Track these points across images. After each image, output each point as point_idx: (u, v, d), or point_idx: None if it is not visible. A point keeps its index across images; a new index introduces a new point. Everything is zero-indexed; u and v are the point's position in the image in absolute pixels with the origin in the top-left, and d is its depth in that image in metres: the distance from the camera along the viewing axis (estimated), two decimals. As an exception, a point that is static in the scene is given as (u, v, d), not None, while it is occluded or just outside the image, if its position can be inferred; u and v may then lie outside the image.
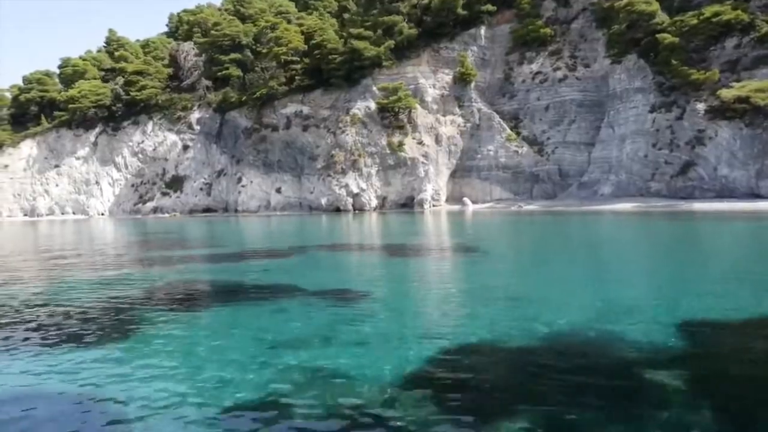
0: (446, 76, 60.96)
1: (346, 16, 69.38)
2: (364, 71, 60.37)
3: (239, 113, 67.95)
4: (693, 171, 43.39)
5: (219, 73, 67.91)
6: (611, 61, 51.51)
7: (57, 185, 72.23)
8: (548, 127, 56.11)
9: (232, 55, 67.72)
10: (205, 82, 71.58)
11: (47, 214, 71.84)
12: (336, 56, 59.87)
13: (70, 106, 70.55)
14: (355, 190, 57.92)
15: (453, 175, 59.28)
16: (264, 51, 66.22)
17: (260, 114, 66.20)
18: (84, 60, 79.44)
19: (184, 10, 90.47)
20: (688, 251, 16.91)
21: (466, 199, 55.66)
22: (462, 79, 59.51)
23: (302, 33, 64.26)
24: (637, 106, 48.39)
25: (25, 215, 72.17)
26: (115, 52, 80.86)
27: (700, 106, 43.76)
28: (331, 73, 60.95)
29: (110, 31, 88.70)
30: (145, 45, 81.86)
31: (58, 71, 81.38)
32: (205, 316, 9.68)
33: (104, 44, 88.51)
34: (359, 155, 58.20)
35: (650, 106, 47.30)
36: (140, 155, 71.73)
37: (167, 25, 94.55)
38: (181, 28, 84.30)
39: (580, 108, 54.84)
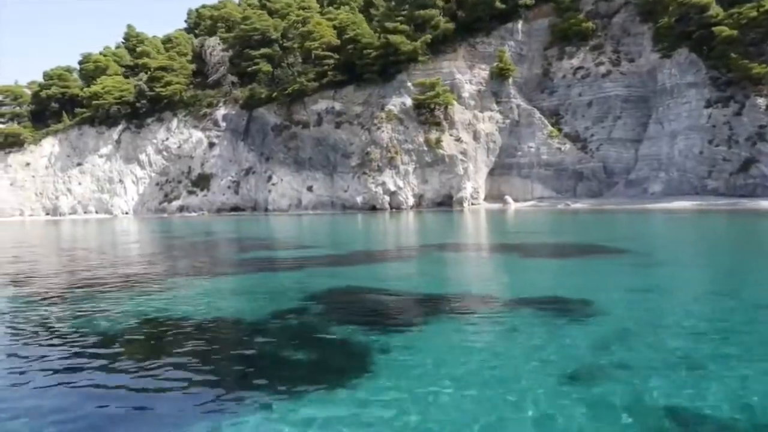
0: (483, 72, 59.45)
1: (373, 11, 67.94)
2: (400, 66, 58.82)
3: (267, 110, 66.39)
4: (754, 168, 41.88)
5: (249, 69, 66.31)
6: (661, 56, 49.99)
7: (80, 184, 70.66)
8: (591, 123, 54.62)
9: (263, 50, 66.12)
10: (231, 78, 70.03)
11: (70, 213, 70.27)
12: (371, 51, 58.27)
13: (94, 102, 68.94)
14: (392, 189, 56.43)
15: (491, 172, 57.79)
16: (295, 46, 64.67)
17: (290, 110, 64.64)
18: (105, 56, 77.80)
19: (204, 6, 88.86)
20: None
21: (507, 197, 54.17)
22: (500, 75, 57.97)
23: (334, 27, 62.66)
24: (690, 102, 46.91)
25: (47, 214, 70.60)
26: (136, 47, 79.17)
27: (761, 101, 42.34)
28: (365, 68, 59.34)
29: (129, 26, 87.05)
30: (167, 41, 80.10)
31: (77, 67, 79.69)
32: (423, 337, 7.98)
33: (123, 40, 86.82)
34: (396, 152, 56.71)
35: (705, 101, 45.82)
36: (165, 153, 70.18)
37: (186, 21, 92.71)
38: (202, 23, 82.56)
39: (626, 104, 53.36)
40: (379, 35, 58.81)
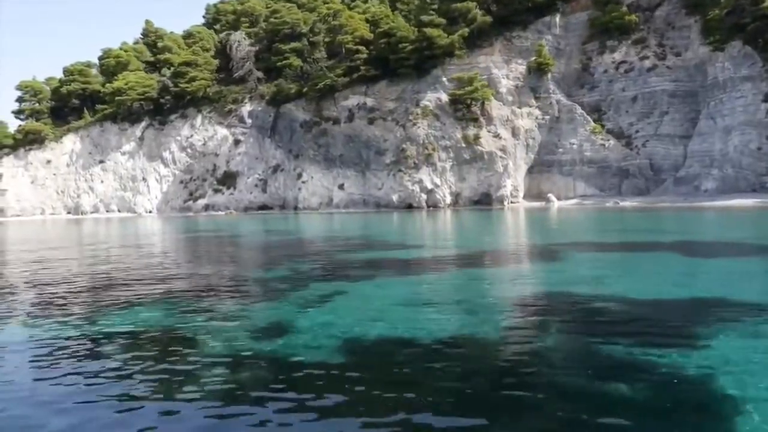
0: (520, 66, 57.88)
1: (399, 5, 66.40)
2: (435, 61, 57.22)
3: (295, 106, 64.76)
4: (820, 164, 40.33)
5: (278, 63, 64.61)
6: (713, 49, 48.37)
7: (102, 182, 69.01)
8: (636, 119, 53.03)
9: (293, 45, 64.45)
10: (257, 74, 68.41)
11: (92, 212, 68.65)
12: (406, 45, 56.62)
13: (117, 98, 67.29)
14: (429, 186, 54.81)
15: (529, 170, 56.22)
16: (326, 40, 63.03)
17: (319, 106, 63.01)
18: (125, 51, 76.16)
19: (223, 1, 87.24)
20: None
21: (550, 195, 52.54)
22: (538, 69, 56.41)
23: (366, 21, 61.03)
24: (745, 96, 45.31)
25: (69, 213, 68.97)
26: (156, 43, 77.63)
27: (826, 95, 40.72)
28: (399, 62, 57.68)
29: (147, 22, 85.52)
30: (187, 36, 78.52)
31: (97, 63, 78.08)
32: (731, 355, 6.46)
33: (141, 36, 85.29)
34: (433, 149, 55.08)
35: (762, 95, 44.23)
36: (189, 150, 68.54)
37: (204, 17, 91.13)
38: (223, 18, 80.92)
39: (673, 99, 51.76)
40: (416, 29, 57.16)
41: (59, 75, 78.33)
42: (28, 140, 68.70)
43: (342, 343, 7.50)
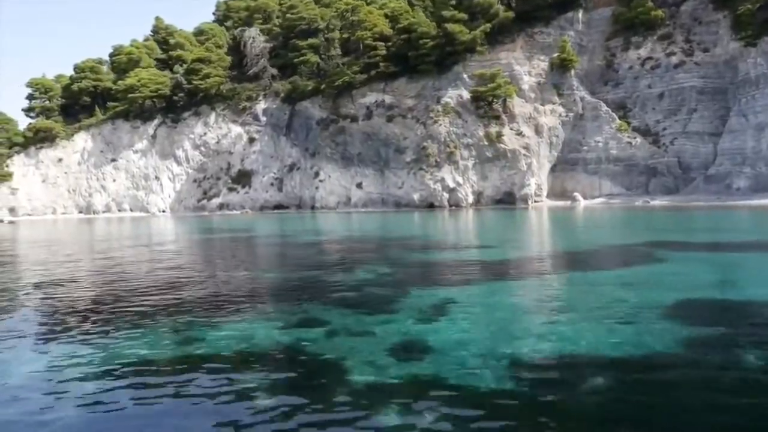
0: (542, 63, 56.76)
1: (415, 0, 65.23)
2: (456, 57, 56.10)
3: (311, 103, 63.65)
4: None
5: (295, 60, 63.50)
6: (744, 44, 47.26)
7: (114, 180, 67.93)
8: (663, 116, 51.89)
9: (310, 41, 63.31)
10: (271, 71, 67.29)
11: (104, 211, 67.57)
12: (427, 41, 55.49)
13: (129, 96, 66.16)
14: (451, 185, 53.71)
15: (552, 168, 55.13)
16: (344, 36, 61.90)
17: (335, 104, 61.89)
18: (137, 48, 75.02)
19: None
20: None
21: (576, 194, 51.44)
22: (561, 66, 55.30)
23: (386, 16, 59.89)
24: (779, 93, 44.25)
25: (80, 212, 67.89)
26: (167, 40, 76.49)
27: None
28: (419, 59, 56.56)
29: (157, 19, 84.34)
30: (199, 33, 77.39)
31: (108, 60, 76.95)
32: None
33: (151, 33, 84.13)
34: (454, 147, 53.98)
35: (798, 91, 43.15)
36: (202, 148, 67.44)
37: (214, 14, 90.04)
38: (235, 15, 79.68)
39: (702, 95, 50.62)
40: (436, 24, 56.03)
41: (69, 73, 77.32)
42: (38, 138, 67.64)
43: (501, 364, 6.36)
